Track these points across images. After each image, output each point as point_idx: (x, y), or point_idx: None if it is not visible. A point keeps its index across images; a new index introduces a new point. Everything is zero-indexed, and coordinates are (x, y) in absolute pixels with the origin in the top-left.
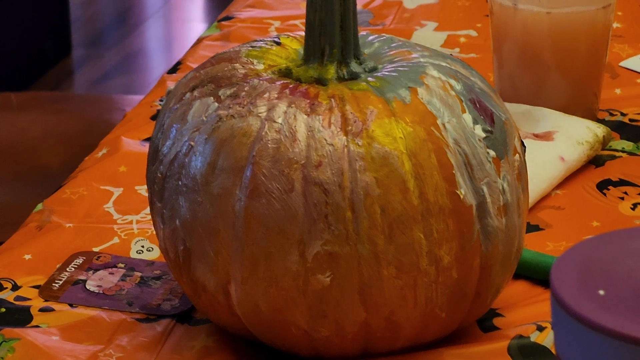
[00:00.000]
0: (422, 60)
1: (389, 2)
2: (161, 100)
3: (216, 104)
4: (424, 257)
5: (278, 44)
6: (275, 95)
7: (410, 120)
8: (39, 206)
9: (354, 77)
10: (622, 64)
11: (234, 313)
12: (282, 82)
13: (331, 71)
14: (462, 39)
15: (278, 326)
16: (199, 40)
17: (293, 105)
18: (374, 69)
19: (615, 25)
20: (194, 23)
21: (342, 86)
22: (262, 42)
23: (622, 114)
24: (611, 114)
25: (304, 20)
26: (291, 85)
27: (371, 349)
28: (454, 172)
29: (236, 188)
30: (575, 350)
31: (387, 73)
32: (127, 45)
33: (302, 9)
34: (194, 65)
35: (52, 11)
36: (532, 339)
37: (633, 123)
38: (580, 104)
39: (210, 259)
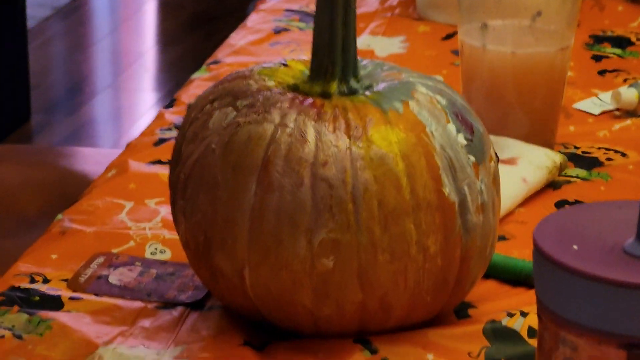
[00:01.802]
0: (411, 79)
1: (361, 51)
2: (162, 130)
3: (234, 113)
4: (414, 246)
5: (285, 65)
6: (287, 105)
7: (403, 128)
8: (59, 216)
9: (353, 92)
10: (575, 105)
11: (247, 295)
12: (292, 94)
13: (334, 87)
14: None
15: (285, 306)
16: (191, 81)
17: (302, 114)
18: (369, 86)
19: (569, 73)
20: (145, 93)
21: (344, 99)
22: (271, 64)
23: (576, 147)
24: (566, 147)
25: None
26: (300, 97)
27: (366, 327)
28: (440, 172)
29: (252, 184)
30: (554, 292)
31: (382, 89)
32: (82, 114)
33: (282, 57)
34: (187, 101)
35: (13, 78)
36: (504, 323)
37: (585, 155)
38: (539, 138)
39: (228, 247)
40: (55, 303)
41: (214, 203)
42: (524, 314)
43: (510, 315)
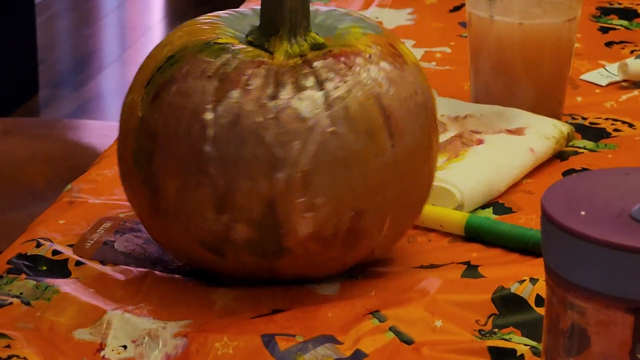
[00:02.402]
0: (320, 8)
1: None
2: None
3: (321, 91)
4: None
5: (213, 44)
6: (344, 64)
7: (397, 40)
8: (69, 186)
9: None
10: (582, 77)
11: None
12: (330, 55)
13: (317, 37)
14: (438, 55)
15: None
16: None
17: (374, 63)
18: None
19: (576, 45)
20: None
21: (343, 42)
22: (197, 46)
23: (583, 118)
24: (573, 118)
25: None
26: (332, 52)
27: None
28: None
29: (386, 139)
30: (562, 258)
31: (332, 22)
32: (89, 88)
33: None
34: None
35: (21, 52)
36: (512, 290)
37: (593, 126)
38: (546, 109)
39: (381, 207)
40: (62, 271)
41: (363, 174)
42: (533, 281)
43: (520, 281)
